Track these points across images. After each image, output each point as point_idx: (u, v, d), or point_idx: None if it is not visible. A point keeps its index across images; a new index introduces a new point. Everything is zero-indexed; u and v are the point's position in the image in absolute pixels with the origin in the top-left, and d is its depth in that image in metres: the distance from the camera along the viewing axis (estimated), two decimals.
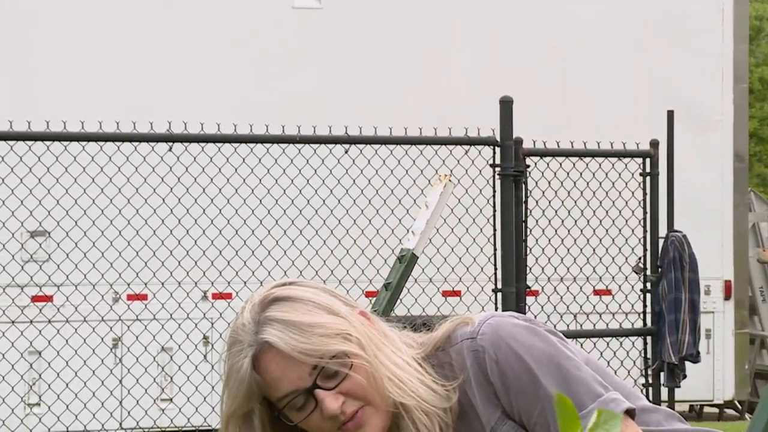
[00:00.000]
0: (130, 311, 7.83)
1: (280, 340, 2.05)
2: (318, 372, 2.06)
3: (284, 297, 2.09)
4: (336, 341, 2.06)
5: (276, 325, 2.07)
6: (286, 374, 2.07)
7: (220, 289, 7.93)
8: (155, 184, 7.09)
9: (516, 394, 2.06)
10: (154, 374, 7.88)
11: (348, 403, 2.07)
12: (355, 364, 2.07)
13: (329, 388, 2.06)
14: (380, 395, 2.09)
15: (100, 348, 7.59)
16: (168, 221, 7.34)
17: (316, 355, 2.05)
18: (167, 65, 8.56)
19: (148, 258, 7.24)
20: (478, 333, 2.09)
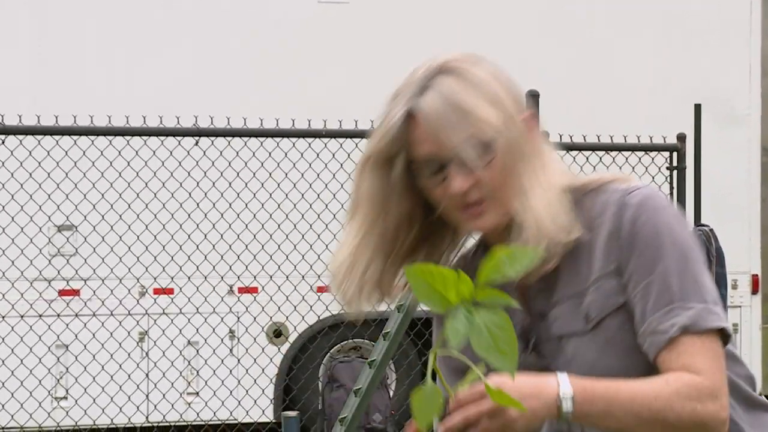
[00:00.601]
0: (157, 305, 7.85)
1: (433, 112, 2.10)
2: (459, 152, 2.08)
3: (460, 72, 2.14)
4: (485, 133, 2.09)
5: (438, 95, 2.11)
6: (430, 141, 2.10)
7: (246, 283, 7.94)
8: (182, 179, 7.10)
9: (637, 258, 2.08)
10: (181, 368, 7.91)
11: (474, 191, 2.11)
12: (495, 161, 2.09)
13: (464, 170, 2.09)
14: (506, 198, 2.12)
15: (127, 342, 7.62)
16: (194, 215, 7.35)
17: (461, 138, 2.08)
18: (194, 63, 8.56)
19: (174, 252, 7.25)
20: (631, 192, 2.12)
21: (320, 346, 8.58)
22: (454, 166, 2.10)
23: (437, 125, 2.09)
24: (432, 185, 2.13)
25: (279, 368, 8.45)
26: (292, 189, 7.39)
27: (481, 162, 2.09)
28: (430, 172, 2.12)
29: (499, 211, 2.12)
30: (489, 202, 2.12)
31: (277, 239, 7.47)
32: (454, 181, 2.10)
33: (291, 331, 8.42)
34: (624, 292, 2.09)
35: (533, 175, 2.12)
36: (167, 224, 7.32)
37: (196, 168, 7.10)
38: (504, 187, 2.11)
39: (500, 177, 2.11)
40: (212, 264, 7.46)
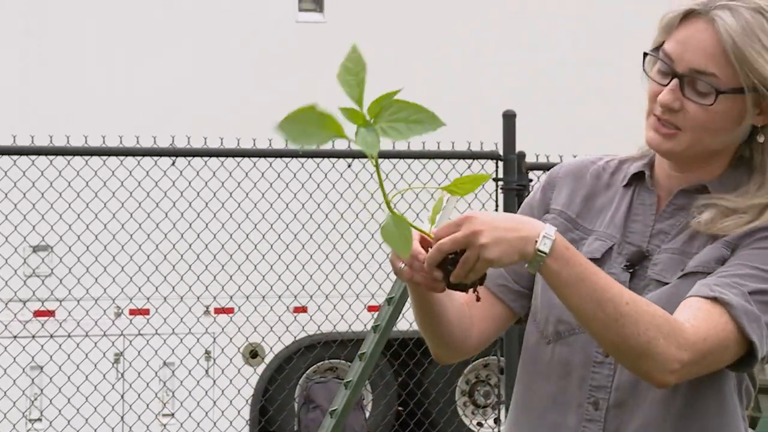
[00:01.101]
0: (132, 326, 7.82)
1: (724, 28, 2.10)
2: (697, 76, 2.11)
3: (764, 11, 2.11)
4: (763, 74, 2.09)
5: (736, 19, 2.10)
6: (689, 45, 2.13)
7: (223, 303, 7.92)
8: (158, 199, 7.08)
9: (751, 248, 2.12)
10: (156, 389, 7.87)
11: (677, 116, 2.14)
12: (717, 107, 2.11)
13: (682, 90, 2.12)
14: (706, 144, 2.15)
15: (102, 363, 7.58)
16: (171, 236, 7.33)
17: (728, 66, 2.09)
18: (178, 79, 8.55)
19: (150, 273, 7.23)
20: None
21: (296, 366, 8.56)
22: (676, 81, 2.12)
23: (720, 38, 2.10)
24: (653, 78, 2.17)
25: (255, 389, 8.42)
26: (269, 209, 7.38)
27: (700, 99, 2.11)
28: (661, 70, 2.15)
29: (680, 148, 2.15)
30: (679, 133, 2.14)
31: (254, 259, 7.45)
32: (665, 93, 2.13)
33: (267, 352, 8.40)
34: (721, 264, 2.12)
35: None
36: (143, 244, 7.29)
37: (173, 188, 7.08)
38: (709, 137, 2.14)
39: (704, 123, 2.12)
40: (188, 284, 7.43)
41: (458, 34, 9.11)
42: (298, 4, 8.95)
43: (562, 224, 2.25)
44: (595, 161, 2.33)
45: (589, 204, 2.27)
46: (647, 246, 2.19)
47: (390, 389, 8.72)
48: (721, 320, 2.05)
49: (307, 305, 8.03)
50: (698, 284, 2.09)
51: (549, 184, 2.32)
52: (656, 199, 2.23)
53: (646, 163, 2.27)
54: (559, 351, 2.21)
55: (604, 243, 2.21)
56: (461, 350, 2.25)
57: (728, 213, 2.15)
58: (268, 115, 9.26)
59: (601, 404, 2.17)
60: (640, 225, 2.22)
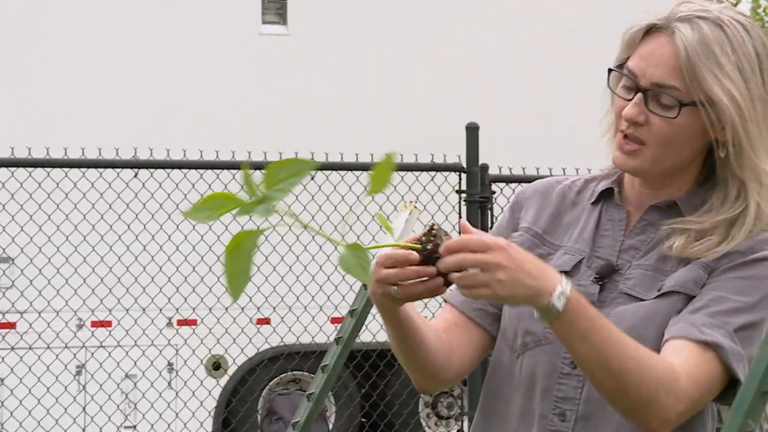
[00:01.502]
0: (94, 338, 7.78)
1: (681, 42, 2.10)
2: (660, 90, 2.12)
3: (723, 25, 2.11)
4: (713, 90, 2.09)
5: (695, 33, 2.11)
6: (652, 61, 2.13)
7: (185, 315, 7.89)
8: (120, 211, 7.05)
9: (733, 276, 2.13)
10: (118, 401, 7.83)
11: (642, 131, 2.14)
12: (681, 121, 2.11)
13: (646, 104, 2.13)
14: (669, 160, 2.16)
15: (64, 375, 7.54)
16: (133, 247, 7.31)
17: (685, 79, 2.10)
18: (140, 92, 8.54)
19: (112, 284, 7.20)
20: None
21: (259, 378, 8.54)
22: (640, 96, 2.13)
23: (678, 54, 2.10)
24: (618, 95, 2.18)
25: (218, 401, 8.40)
26: (231, 221, 7.36)
27: (671, 113, 2.12)
28: (623, 83, 2.16)
29: (646, 164, 2.16)
30: (643, 149, 2.15)
31: (217, 271, 7.44)
32: (630, 107, 2.13)
33: (230, 364, 8.37)
34: (700, 287, 2.14)
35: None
36: (105, 256, 7.27)
37: (135, 200, 7.06)
38: (672, 153, 2.15)
39: (668, 136, 2.13)
40: (151, 296, 7.41)
41: (421, 47, 9.13)
42: (262, 17, 8.95)
43: (529, 240, 2.27)
44: (561, 181, 2.35)
45: (555, 221, 2.29)
46: (616, 260, 2.21)
47: (353, 401, 8.71)
48: (711, 365, 2.08)
49: (270, 317, 8.02)
50: (686, 323, 2.11)
51: (516, 205, 2.34)
52: (626, 214, 2.25)
53: (614, 181, 2.28)
54: (526, 362, 2.22)
55: (573, 257, 2.23)
56: (443, 378, 2.25)
57: (698, 236, 2.16)
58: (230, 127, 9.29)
59: (569, 416, 2.18)
60: (609, 240, 2.23)
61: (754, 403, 1.79)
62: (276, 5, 8.99)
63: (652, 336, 2.13)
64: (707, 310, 2.11)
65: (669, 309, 2.14)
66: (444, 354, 2.23)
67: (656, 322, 2.14)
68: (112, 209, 7.04)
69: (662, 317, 2.13)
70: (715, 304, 2.11)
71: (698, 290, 2.14)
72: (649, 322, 2.13)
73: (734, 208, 2.16)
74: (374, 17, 9.09)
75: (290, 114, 8.79)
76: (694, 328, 2.09)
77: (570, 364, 2.18)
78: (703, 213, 2.18)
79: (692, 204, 2.20)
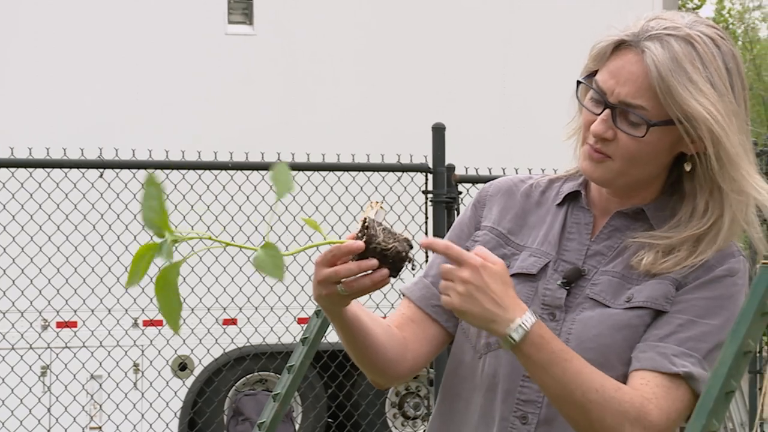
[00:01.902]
0: (59, 339, 7.74)
1: (652, 60, 2.10)
2: (627, 108, 2.12)
3: (693, 42, 2.11)
4: (688, 107, 2.10)
5: (665, 51, 2.11)
6: (620, 77, 2.13)
7: (151, 316, 7.87)
8: (86, 211, 7.02)
9: (701, 296, 2.15)
10: (83, 402, 7.80)
11: (609, 146, 2.15)
12: (649, 139, 2.12)
13: (614, 121, 2.14)
14: (634, 175, 2.17)
15: (29, 376, 7.50)
16: (98, 248, 7.28)
17: (656, 98, 2.10)
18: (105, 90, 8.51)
19: (77, 285, 7.17)
20: (741, 258, 2.19)
21: (225, 379, 8.52)
22: (608, 112, 2.14)
23: (647, 71, 2.11)
24: (586, 107, 2.18)
25: (184, 402, 8.38)
26: (198, 222, 7.35)
27: (639, 132, 2.12)
28: (592, 96, 2.17)
29: (611, 176, 2.17)
30: (609, 161, 2.16)
31: (183, 272, 7.40)
32: (597, 123, 2.14)
33: (196, 365, 8.35)
34: (670, 303, 2.16)
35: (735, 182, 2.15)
36: (70, 257, 7.23)
37: (101, 200, 7.03)
38: (637, 169, 2.16)
39: (634, 153, 2.14)
40: (116, 297, 7.38)
41: (388, 47, 9.14)
42: (228, 16, 8.93)
43: (493, 239, 2.28)
44: (524, 180, 2.35)
45: (520, 221, 2.29)
46: (583, 265, 2.22)
47: (320, 401, 8.70)
48: (682, 395, 2.11)
49: (237, 317, 8.00)
50: (655, 354, 2.12)
51: (479, 202, 2.34)
52: (592, 218, 2.26)
53: (580, 183, 2.29)
54: (489, 363, 2.22)
55: (539, 259, 2.24)
56: (397, 374, 2.26)
57: (666, 251, 2.17)
58: (197, 127, 9.29)
59: (531, 419, 2.18)
60: (575, 244, 2.24)
61: (718, 403, 1.80)
62: (242, 5, 8.98)
63: (618, 347, 2.15)
64: (677, 336, 2.13)
65: (638, 322, 2.15)
66: (396, 350, 2.24)
67: (624, 333, 2.15)
68: (78, 209, 7.01)
69: (631, 330, 2.15)
70: (684, 330, 2.13)
71: (668, 306, 2.15)
72: (617, 332, 2.15)
73: (702, 223, 2.17)
74: (340, 17, 9.09)
75: (256, 114, 8.78)
76: (665, 359, 2.12)
77: None
78: (671, 228, 2.19)
79: (660, 215, 2.21)
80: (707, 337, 2.13)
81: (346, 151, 7.08)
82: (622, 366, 2.14)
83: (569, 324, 2.18)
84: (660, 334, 2.13)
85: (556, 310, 2.19)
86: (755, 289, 1.86)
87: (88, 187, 6.90)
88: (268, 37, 8.92)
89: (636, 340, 2.15)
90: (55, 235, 7.16)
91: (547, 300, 2.20)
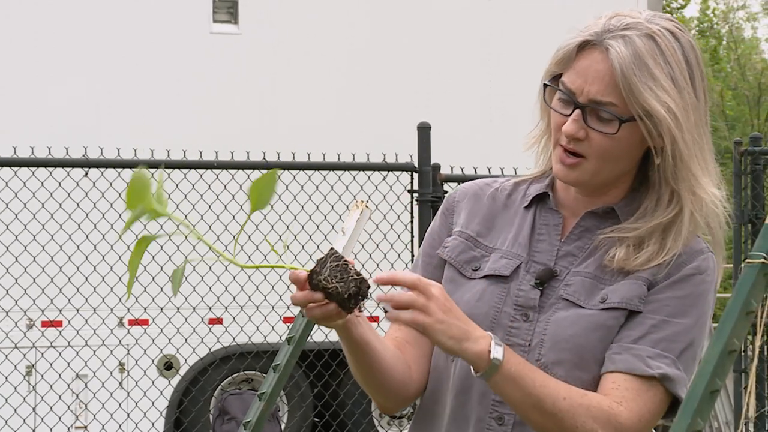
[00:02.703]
0: (45, 338, 7.73)
1: (616, 58, 2.12)
2: (597, 107, 2.14)
3: (655, 36, 2.13)
4: (649, 104, 2.12)
5: (628, 48, 2.12)
6: (588, 77, 2.15)
7: (137, 315, 7.86)
8: (70, 210, 7.01)
9: (673, 295, 2.17)
10: (69, 402, 7.79)
11: (582, 145, 2.16)
12: (621, 135, 2.14)
13: (585, 120, 2.15)
14: (608, 173, 2.19)
15: (14, 375, 7.49)
16: (84, 247, 7.27)
17: (623, 95, 2.12)
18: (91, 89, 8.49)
19: (63, 284, 7.16)
20: (710, 256, 2.20)
21: (211, 378, 8.52)
22: (579, 112, 2.15)
23: (613, 69, 2.12)
24: (554, 107, 2.19)
25: (169, 401, 8.37)
26: (183, 219, 7.34)
27: (611, 129, 2.14)
28: (560, 98, 2.18)
29: (587, 177, 2.18)
30: (584, 161, 2.17)
31: (168, 271, 7.40)
32: (569, 124, 2.15)
33: (182, 364, 8.35)
34: (642, 304, 2.17)
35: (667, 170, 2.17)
36: (55, 256, 7.22)
37: (86, 199, 7.02)
38: (612, 166, 2.17)
39: (618, 152, 2.16)
40: (102, 296, 7.37)
41: (374, 46, 9.14)
42: (213, 15, 8.93)
43: (462, 243, 2.28)
44: (490, 183, 2.36)
45: (488, 224, 2.30)
46: (554, 265, 2.23)
47: (305, 400, 8.70)
48: (656, 396, 2.14)
49: (222, 317, 8.00)
50: (630, 356, 2.14)
51: (448, 210, 2.35)
52: (561, 219, 2.26)
53: (546, 185, 2.30)
54: (460, 366, 2.23)
55: (510, 261, 2.24)
56: (405, 397, 2.27)
57: (636, 245, 2.19)
58: (181, 126, 9.29)
59: (507, 419, 2.19)
60: (545, 245, 2.25)
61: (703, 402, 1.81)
62: (227, 4, 8.97)
63: (593, 347, 2.16)
64: (650, 337, 2.15)
65: (613, 323, 2.17)
66: (403, 372, 2.24)
67: (600, 334, 2.16)
68: (62, 208, 7.00)
69: (606, 331, 2.16)
70: (657, 331, 2.15)
71: (641, 306, 2.17)
72: (592, 332, 2.16)
73: (668, 212, 2.19)
74: (325, 17, 9.09)
75: (241, 113, 8.77)
76: (640, 361, 2.13)
77: None
78: (638, 218, 2.20)
79: (629, 209, 2.23)
80: (680, 337, 2.15)
81: (332, 151, 7.08)
82: (596, 366, 2.16)
83: (543, 325, 2.18)
84: (633, 336, 2.15)
85: (529, 310, 2.20)
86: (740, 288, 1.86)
87: (72, 185, 6.89)
88: (254, 36, 8.91)
89: (610, 341, 2.16)
90: (40, 234, 7.15)
91: (520, 301, 2.21)
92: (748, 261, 1.91)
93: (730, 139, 10.72)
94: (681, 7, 28.25)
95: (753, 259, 1.87)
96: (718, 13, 30.60)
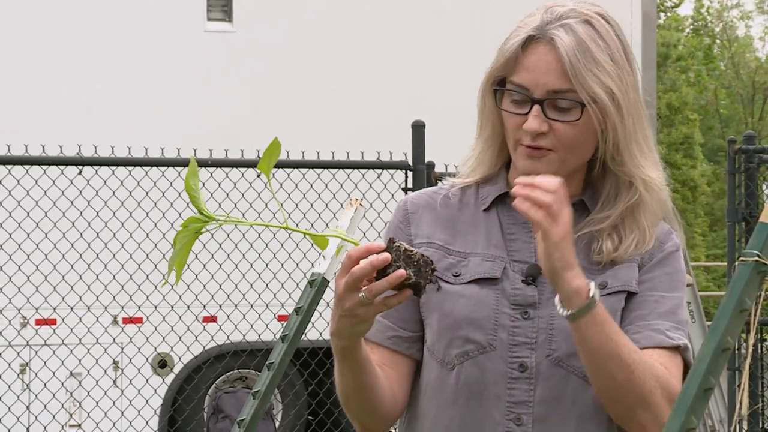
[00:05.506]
0: (39, 336, 7.73)
1: (562, 47, 2.13)
2: (556, 96, 2.15)
3: (590, 20, 2.15)
4: (595, 90, 2.14)
5: (570, 36, 2.14)
6: (539, 70, 2.16)
7: (131, 313, 7.86)
8: (65, 208, 7.01)
9: (662, 273, 2.23)
10: (63, 400, 7.79)
11: (546, 139, 2.17)
12: (583, 121, 2.16)
13: (545, 113, 2.15)
14: (574, 161, 2.20)
15: (7, 374, 7.49)
16: (77, 245, 7.26)
17: (574, 82, 2.13)
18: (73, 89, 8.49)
19: (57, 282, 7.16)
20: (674, 232, 2.27)
21: (205, 376, 8.52)
22: (538, 107, 2.15)
23: (562, 59, 2.13)
24: (508, 109, 2.20)
25: (163, 399, 8.37)
26: (178, 218, 7.35)
27: (573, 117, 2.15)
28: (514, 99, 2.18)
29: (554, 167, 2.18)
30: (554, 154, 2.18)
31: (162, 269, 7.40)
32: (531, 120, 2.16)
33: (176, 362, 8.35)
34: (638, 285, 2.22)
35: (619, 146, 2.20)
36: (49, 254, 7.22)
37: (80, 197, 7.02)
38: (580, 150, 2.19)
39: (582, 139, 2.17)
40: (96, 294, 7.37)
41: (368, 43, 9.14)
42: (207, 13, 8.92)
43: (435, 253, 2.27)
44: (437, 191, 2.35)
45: (450, 231, 2.29)
46: (536, 261, 2.22)
47: (299, 398, 8.70)
48: (679, 363, 2.20)
49: (217, 315, 8.00)
50: (650, 331, 2.18)
51: (403, 222, 2.33)
52: None
53: (500, 186, 2.30)
54: (467, 372, 2.21)
55: (495, 263, 2.24)
56: (392, 417, 2.28)
57: (617, 235, 2.22)
58: (175, 123, 9.28)
59: (525, 420, 2.19)
60: (520, 243, 2.25)
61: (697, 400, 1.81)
62: (221, 2, 8.97)
63: None
64: (657, 312, 2.19)
65: (617, 307, 2.20)
66: (389, 393, 2.24)
67: None
68: (56, 206, 7.00)
69: (612, 315, 2.17)
70: (660, 306, 2.20)
71: (638, 287, 2.22)
72: None
73: (630, 193, 2.21)
74: (320, 14, 9.09)
75: (235, 111, 8.77)
76: (661, 334, 2.18)
77: (518, 368, 2.19)
78: (603, 205, 2.23)
79: (596, 196, 2.25)
80: (677, 309, 2.22)
81: (326, 149, 7.08)
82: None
83: (547, 320, 2.19)
84: (643, 314, 2.19)
85: (528, 308, 2.20)
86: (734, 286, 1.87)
87: (67, 184, 6.89)
88: (248, 34, 8.91)
89: (616, 312, 2.20)
90: (34, 232, 7.15)
91: (518, 300, 2.21)
92: (742, 259, 1.91)
93: (724, 138, 10.74)
94: (675, 6, 28.27)
95: (747, 257, 1.87)
96: (712, 11, 30.64)
